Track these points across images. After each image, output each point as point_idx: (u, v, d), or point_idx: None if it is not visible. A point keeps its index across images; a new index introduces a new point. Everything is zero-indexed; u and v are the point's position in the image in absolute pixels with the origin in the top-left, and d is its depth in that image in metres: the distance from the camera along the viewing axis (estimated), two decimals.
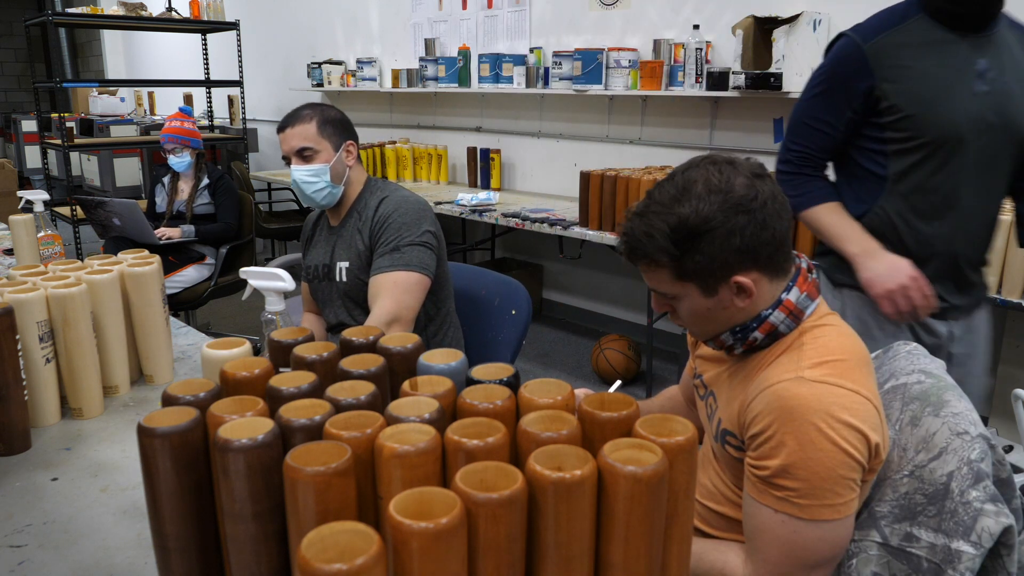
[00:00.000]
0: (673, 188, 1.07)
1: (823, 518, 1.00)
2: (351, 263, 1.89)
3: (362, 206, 1.91)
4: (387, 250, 1.80)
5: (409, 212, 1.83)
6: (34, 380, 1.29)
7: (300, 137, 1.84)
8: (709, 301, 1.10)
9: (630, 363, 3.66)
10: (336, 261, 1.92)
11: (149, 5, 5.80)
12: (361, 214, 1.90)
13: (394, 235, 1.81)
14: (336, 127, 1.88)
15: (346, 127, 1.92)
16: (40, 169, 6.23)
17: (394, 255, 1.79)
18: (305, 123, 1.85)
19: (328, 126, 1.87)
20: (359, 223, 1.89)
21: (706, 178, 1.05)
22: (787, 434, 1.00)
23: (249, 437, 0.64)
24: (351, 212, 1.93)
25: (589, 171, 3.53)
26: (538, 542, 0.59)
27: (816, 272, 1.17)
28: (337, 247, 1.93)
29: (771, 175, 1.09)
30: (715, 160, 1.08)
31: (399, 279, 1.78)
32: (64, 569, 0.95)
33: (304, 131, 1.85)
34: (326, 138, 1.86)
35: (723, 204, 1.04)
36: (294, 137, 1.85)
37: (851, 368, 1.04)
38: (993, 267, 2.45)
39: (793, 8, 3.23)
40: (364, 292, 1.87)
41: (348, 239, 1.91)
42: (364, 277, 1.86)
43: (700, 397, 1.29)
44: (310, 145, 1.84)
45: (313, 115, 1.86)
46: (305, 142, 1.84)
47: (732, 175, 1.05)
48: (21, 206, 2.41)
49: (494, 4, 4.67)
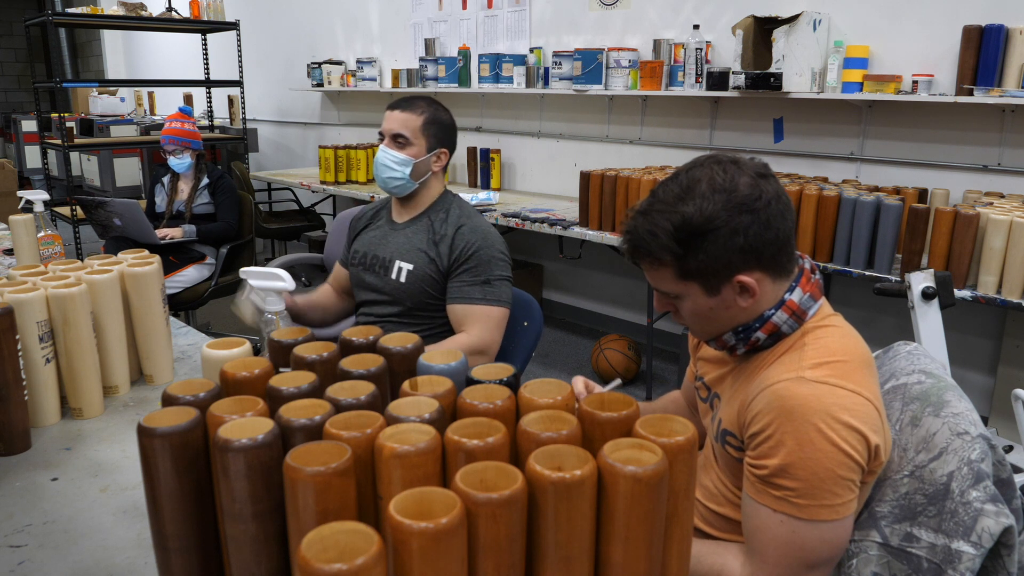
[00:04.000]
0: (677, 187, 1.07)
1: (821, 518, 1.00)
2: (416, 267, 1.89)
3: (437, 218, 1.91)
4: (477, 281, 1.84)
5: (496, 245, 1.88)
6: (34, 380, 1.29)
7: (402, 124, 1.86)
8: (712, 300, 1.10)
9: (630, 363, 3.66)
10: (396, 259, 1.92)
11: (149, 5, 5.80)
12: (435, 226, 1.90)
13: (483, 269, 1.85)
14: (440, 130, 1.90)
15: (449, 135, 1.93)
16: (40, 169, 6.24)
17: (486, 288, 1.84)
18: (415, 113, 1.87)
19: (433, 126, 1.89)
20: (433, 235, 1.89)
21: (710, 177, 1.05)
22: (786, 434, 1.00)
23: (249, 437, 0.64)
24: (422, 217, 1.93)
25: (589, 171, 3.53)
26: (538, 542, 0.59)
27: (819, 273, 1.17)
28: (399, 245, 1.92)
29: (775, 175, 1.09)
30: (719, 159, 1.08)
31: (492, 314, 1.83)
32: (64, 569, 0.95)
33: (408, 120, 1.87)
34: (425, 136, 1.88)
35: (727, 203, 1.04)
36: (396, 121, 1.87)
37: (852, 369, 1.04)
38: (993, 267, 2.45)
39: (793, 8, 3.23)
40: (417, 296, 1.89)
41: (417, 243, 1.90)
42: (427, 284, 1.88)
43: (702, 399, 1.28)
44: (407, 135, 1.86)
45: (425, 110, 1.88)
46: (404, 130, 1.86)
47: (736, 174, 1.05)
48: (21, 206, 2.41)
49: (494, 4, 4.66)
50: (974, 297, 2.49)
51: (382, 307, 1.95)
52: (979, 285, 2.52)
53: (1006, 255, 2.42)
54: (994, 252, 2.44)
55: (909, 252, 2.60)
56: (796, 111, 3.48)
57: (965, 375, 3.12)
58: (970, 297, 2.50)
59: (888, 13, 3.12)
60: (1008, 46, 2.73)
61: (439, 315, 1.91)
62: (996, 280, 2.46)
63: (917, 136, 3.13)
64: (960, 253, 2.50)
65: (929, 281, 2.14)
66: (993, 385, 3.04)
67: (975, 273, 2.53)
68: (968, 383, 3.10)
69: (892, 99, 3.00)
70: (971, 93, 2.79)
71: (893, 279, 2.62)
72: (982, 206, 2.56)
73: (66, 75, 9.60)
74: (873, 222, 2.69)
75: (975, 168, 2.99)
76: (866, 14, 3.19)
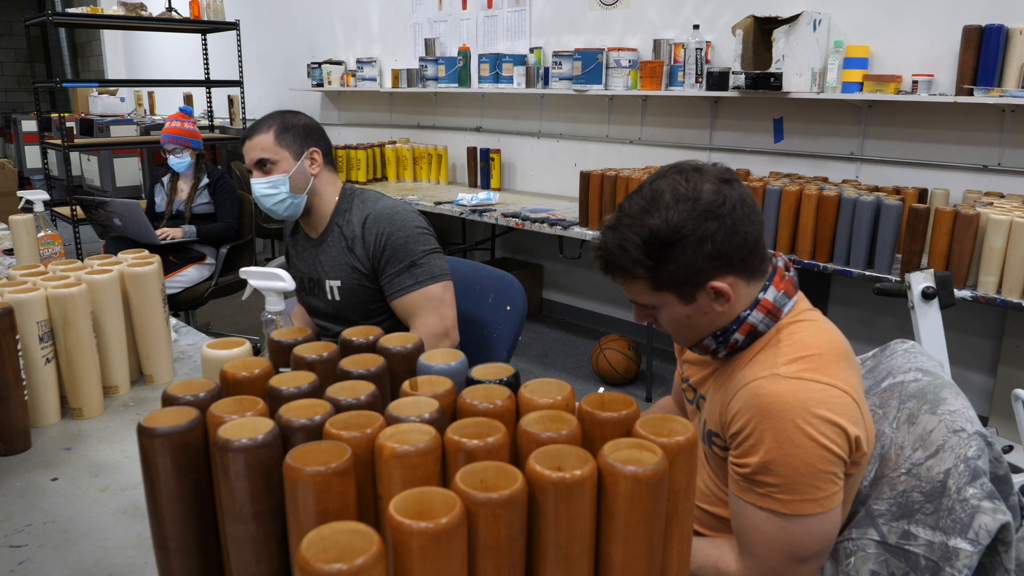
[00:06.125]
0: (642, 200, 1.08)
1: (806, 512, 1.01)
2: (344, 282, 1.83)
3: (343, 221, 1.83)
4: (403, 268, 1.77)
5: (408, 224, 1.79)
6: (34, 380, 1.29)
7: (258, 148, 1.77)
8: (688, 308, 1.11)
9: (630, 363, 3.66)
10: (325, 279, 1.86)
11: (149, 5, 5.80)
12: (344, 231, 1.82)
13: (403, 253, 1.77)
14: (297, 134, 1.79)
15: (310, 133, 1.82)
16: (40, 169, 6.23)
17: (415, 271, 1.77)
18: (263, 133, 1.78)
19: (287, 134, 1.78)
20: (345, 242, 1.82)
21: (673, 187, 1.06)
22: (765, 431, 1.01)
23: (249, 437, 0.64)
24: (331, 226, 1.85)
25: (589, 171, 3.53)
26: (538, 542, 0.59)
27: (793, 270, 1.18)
28: (322, 263, 1.86)
29: (739, 180, 1.09)
30: (682, 168, 1.09)
31: (431, 294, 1.76)
32: (64, 569, 0.95)
33: (261, 141, 1.77)
34: (284, 147, 1.78)
35: (692, 212, 1.04)
36: (252, 149, 1.78)
37: (827, 362, 1.05)
38: (993, 267, 2.45)
39: (793, 8, 3.23)
40: (359, 309, 1.85)
41: (335, 256, 1.84)
42: (362, 295, 1.83)
43: (689, 401, 1.29)
44: (267, 156, 1.77)
45: (272, 124, 1.79)
46: (263, 153, 1.77)
47: (699, 182, 1.06)
48: (21, 206, 2.41)
49: (494, 4, 4.66)
50: (974, 297, 2.49)
51: (333, 324, 1.92)
52: (979, 285, 2.52)
53: (1006, 255, 2.42)
54: (994, 252, 2.44)
55: (909, 252, 2.60)
56: (796, 111, 3.48)
57: (965, 375, 3.12)
58: (970, 297, 2.50)
59: (888, 13, 3.12)
60: (1008, 46, 2.73)
61: (392, 316, 1.86)
62: (996, 280, 2.46)
63: (917, 136, 3.13)
64: (960, 253, 2.50)
65: (929, 281, 2.14)
66: (993, 385, 3.04)
67: (975, 273, 2.53)
68: (968, 383, 3.10)
69: (892, 99, 3.00)
70: (971, 93, 2.79)
71: (893, 279, 2.62)
72: (982, 206, 2.56)
73: (66, 75, 9.59)
74: (873, 222, 2.69)
75: (975, 168, 2.99)
76: (866, 14, 3.19)
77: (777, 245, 2.94)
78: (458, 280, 2.08)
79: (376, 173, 5.20)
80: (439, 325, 1.77)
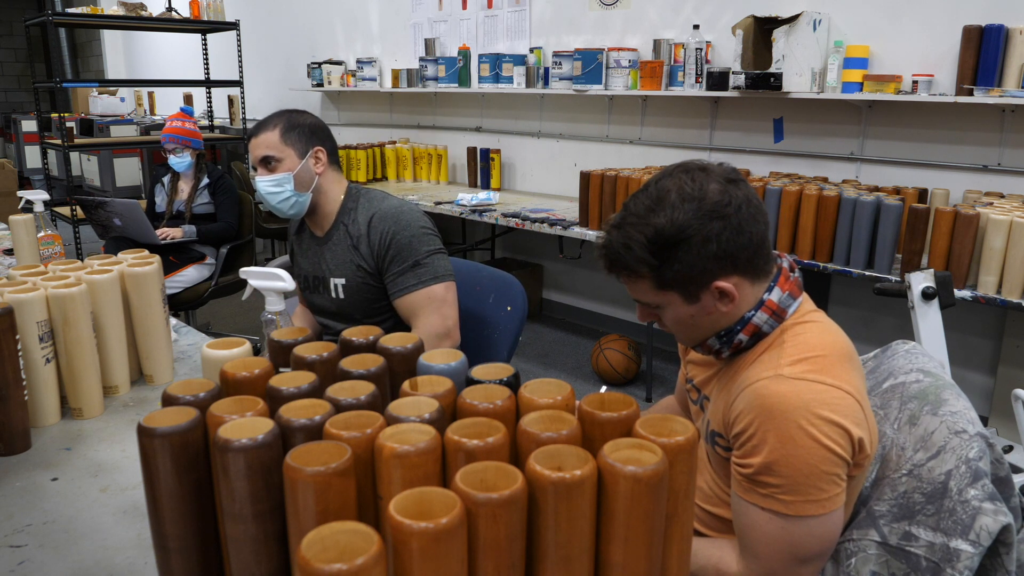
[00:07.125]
0: (647, 198, 1.07)
1: (809, 514, 1.01)
2: (348, 280, 1.85)
3: (349, 220, 1.85)
4: (407, 267, 1.78)
5: (413, 223, 1.80)
6: (34, 380, 1.29)
7: (263, 146, 1.79)
8: (692, 308, 1.10)
9: (630, 363, 3.66)
10: (329, 277, 1.88)
11: (149, 5, 5.80)
12: (350, 229, 1.84)
13: (408, 253, 1.78)
14: (302, 133, 1.81)
15: (315, 132, 1.84)
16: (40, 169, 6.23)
17: (418, 271, 1.78)
18: (268, 131, 1.80)
19: (293, 132, 1.80)
20: (351, 240, 1.83)
21: (679, 186, 1.06)
22: (768, 432, 1.01)
23: (249, 437, 0.64)
24: (336, 224, 1.86)
25: (589, 171, 3.53)
26: (538, 542, 0.59)
27: (798, 271, 1.18)
28: (327, 261, 1.87)
29: (744, 180, 1.09)
30: (687, 168, 1.09)
31: (434, 294, 1.77)
32: (64, 569, 0.95)
33: (267, 139, 1.79)
34: (290, 145, 1.79)
35: (697, 211, 1.04)
36: (258, 146, 1.80)
37: (831, 363, 1.05)
38: (993, 267, 2.45)
39: (793, 8, 3.23)
40: (363, 307, 1.86)
41: (340, 255, 1.85)
42: (366, 294, 1.84)
43: (693, 402, 1.29)
44: (272, 153, 1.79)
45: (278, 122, 1.81)
46: (268, 150, 1.79)
47: (705, 182, 1.06)
48: (21, 206, 2.41)
49: (494, 4, 4.66)
50: (974, 297, 2.49)
51: (337, 322, 1.93)
52: (979, 285, 2.52)
53: (1006, 255, 2.42)
54: (994, 252, 2.44)
55: (909, 252, 2.60)
56: (796, 111, 3.48)
57: (965, 375, 3.12)
58: (970, 297, 2.50)
59: (888, 13, 3.12)
60: (1008, 46, 2.73)
61: (396, 315, 1.87)
62: (996, 280, 2.46)
63: (917, 136, 3.13)
64: (960, 253, 2.50)
65: (929, 281, 2.14)
66: (993, 385, 3.04)
67: (975, 273, 2.53)
68: (968, 383, 3.10)
69: (892, 99, 3.00)
70: (971, 93, 2.79)
71: (893, 279, 2.62)
72: (982, 206, 2.56)
73: (66, 75, 9.59)
74: (873, 222, 2.69)
75: (975, 168, 2.99)
76: (866, 14, 3.19)
77: (777, 245, 2.94)
78: (459, 280, 2.08)
79: (376, 173, 5.20)
80: (441, 325, 1.78)
